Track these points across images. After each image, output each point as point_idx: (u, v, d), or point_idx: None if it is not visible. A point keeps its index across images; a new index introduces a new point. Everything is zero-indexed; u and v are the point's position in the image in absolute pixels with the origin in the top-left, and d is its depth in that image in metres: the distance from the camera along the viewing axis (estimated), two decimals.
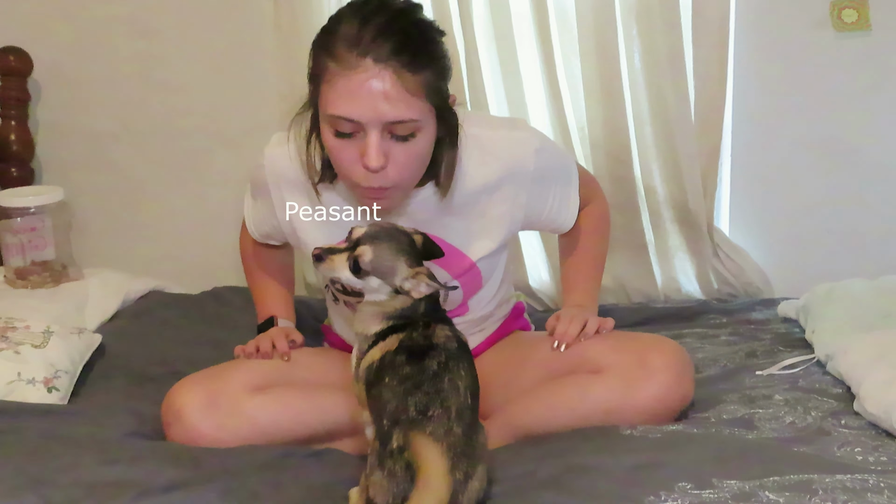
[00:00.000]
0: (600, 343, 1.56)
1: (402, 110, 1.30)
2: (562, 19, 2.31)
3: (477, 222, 1.55)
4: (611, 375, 1.50)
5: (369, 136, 1.31)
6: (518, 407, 1.58)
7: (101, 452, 1.45)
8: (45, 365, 1.76)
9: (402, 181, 1.39)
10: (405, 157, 1.34)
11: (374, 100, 1.28)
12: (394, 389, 1.24)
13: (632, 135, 2.32)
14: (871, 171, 2.37)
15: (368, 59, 1.28)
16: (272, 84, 2.45)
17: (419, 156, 1.36)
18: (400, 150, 1.33)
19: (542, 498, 1.29)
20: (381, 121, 1.29)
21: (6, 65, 2.47)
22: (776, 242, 2.43)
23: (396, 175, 1.36)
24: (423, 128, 1.34)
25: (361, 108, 1.29)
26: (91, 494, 1.31)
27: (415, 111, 1.31)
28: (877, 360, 1.61)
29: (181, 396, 1.52)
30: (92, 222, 2.58)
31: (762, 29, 2.33)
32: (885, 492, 1.24)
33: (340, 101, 1.30)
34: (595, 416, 1.50)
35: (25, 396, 1.69)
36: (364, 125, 1.30)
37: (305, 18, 2.35)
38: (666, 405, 1.51)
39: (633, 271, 2.40)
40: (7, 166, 2.52)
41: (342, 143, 1.33)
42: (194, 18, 2.51)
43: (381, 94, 1.27)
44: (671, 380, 1.50)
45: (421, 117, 1.32)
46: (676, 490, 1.28)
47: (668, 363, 1.50)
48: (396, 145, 1.33)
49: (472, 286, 1.62)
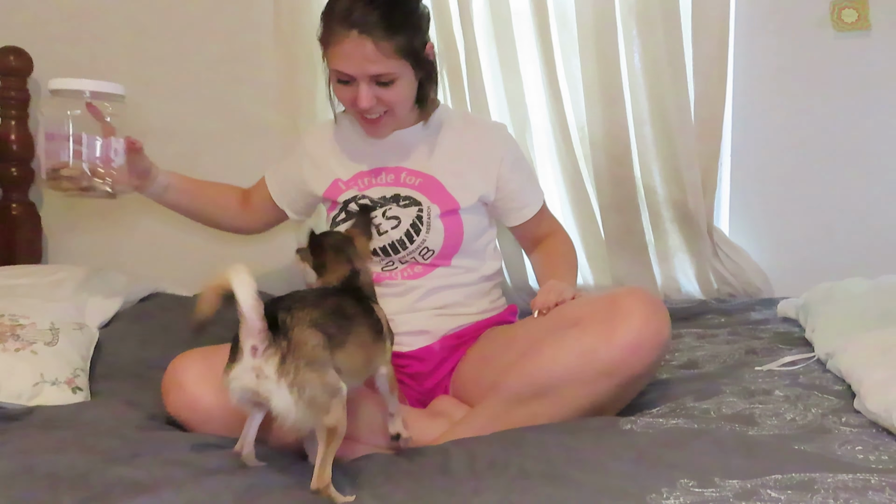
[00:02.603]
0: (576, 301, 1.74)
1: (381, 67, 1.72)
2: (562, 19, 2.31)
3: (462, 171, 1.88)
4: (587, 322, 1.60)
5: (360, 85, 1.74)
6: (504, 376, 1.65)
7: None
8: (63, 364, 1.76)
9: (391, 114, 1.80)
10: (388, 97, 1.76)
11: (360, 61, 1.71)
12: None
13: (632, 135, 2.32)
14: (870, 170, 2.37)
15: (354, 30, 1.69)
16: (272, 84, 2.46)
17: (400, 95, 1.78)
18: (384, 92, 1.76)
19: (541, 492, 1.29)
20: (366, 75, 1.72)
21: (6, 65, 2.47)
22: (776, 242, 2.43)
23: (385, 110, 1.79)
24: (401, 76, 1.75)
25: (351, 67, 1.72)
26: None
27: (392, 66, 1.73)
28: (877, 359, 1.61)
29: (181, 365, 1.61)
30: (91, 222, 2.59)
31: (762, 29, 2.34)
32: (887, 490, 1.24)
33: (337, 61, 1.74)
34: (574, 360, 1.57)
35: (51, 398, 1.69)
36: (355, 77, 1.73)
37: (305, 18, 2.36)
38: (641, 338, 1.56)
39: (633, 271, 2.40)
40: (7, 166, 2.52)
41: (343, 87, 1.77)
42: (194, 18, 2.52)
43: (364, 57, 1.70)
44: (645, 315, 1.57)
45: (397, 70, 1.74)
46: (678, 487, 1.28)
47: (640, 301, 1.59)
48: (381, 89, 1.75)
49: (455, 233, 1.85)
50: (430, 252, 1.84)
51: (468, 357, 1.83)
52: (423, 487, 1.36)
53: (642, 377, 1.62)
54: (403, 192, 1.85)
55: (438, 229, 1.83)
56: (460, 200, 1.85)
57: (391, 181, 1.87)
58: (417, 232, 1.82)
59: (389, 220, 1.83)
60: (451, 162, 1.88)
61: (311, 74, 2.38)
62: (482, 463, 1.43)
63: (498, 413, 1.62)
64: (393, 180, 1.86)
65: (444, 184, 1.85)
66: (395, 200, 1.85)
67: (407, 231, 1.82)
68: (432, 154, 1.88)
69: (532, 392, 1.60)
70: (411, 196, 1.84)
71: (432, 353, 1.84)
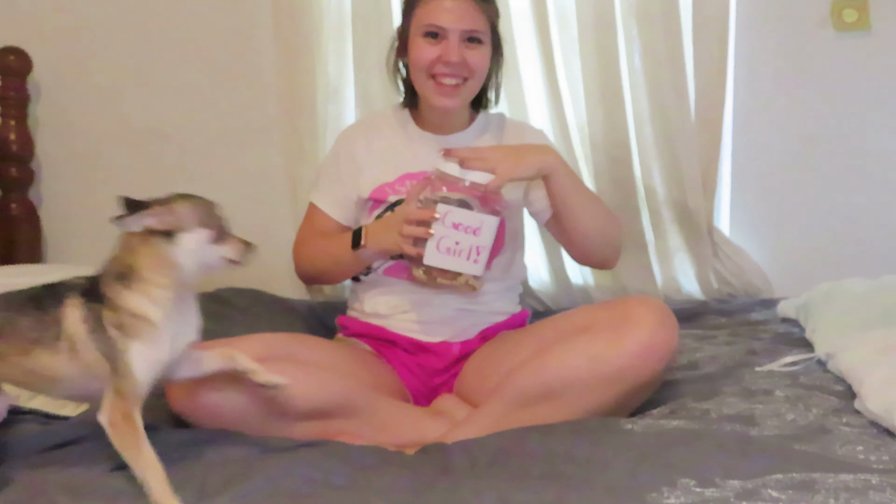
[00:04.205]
0: (588, 307, 1.79)
1: (476, 23, 1.78)
2: (562, 19, 2.31)
3: None
4: (597, 328, 1.61)
5: (450, 40, 1.77)
6: (511, 377, 1.65)
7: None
8: None
9: (470, 77, 1.81)
10: (473, 59, 1.79)
11: (460, 13, 1.76)
12: None
13: (632, 135, 2.32)
14: (871, 170, 2.37)
15: None
16: (272, 84, 2.46)
17: (483, 61, 1.82)
18: (470, 53, 1.79)
19: (542, 491, 1.29)
20: (461, 29, 1.77)
21: (6, 65, 2.47)
22: (776, 242, 2.43)
23: (466, 71, 1.80)
24: (485, 41, 1.81)
25: (450, 20, 1.76)
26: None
27: (483, 25, 1.79)
28: (878, 359, 1.61)
29: None
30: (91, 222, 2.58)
31: (762, 29, 2.34)
32: (888, 490, 1.24)
33: (435, 14, 1.77)
34: (583, 365, 1.58)
35: (49, 400, 1.67)
36: (448, 32, 1.76)
37: (305, 18, 2.36)
38: (651, 347, 1.57)
39: (633, 271, 2.40)
40: (7, 166, 2.52)
41: (430, 45, 1.78)
42: (194, 18, 2.52)
43: (465, 11, 1.76)
44: (654, 324, 1.58)
45: (486, 30, 1.80)
46: (679, 487, 1.28)
47: (651, 310, 1.60)
48: (468, 49, 1.78)
49: (497, 235, 1.74)
50: None
51: (475, 357, 1.83)
52: (424, 486, 1.36)
53: (648, 386, 1.62)
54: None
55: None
56: (507, 194, 1.79)
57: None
58: None
59: None
60: None
61: (310, 75, 2.39)
62: (483, 462, 1.43)
63: (502, 415, 1.62)
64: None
65: None
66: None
67: None
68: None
69: (538, 394, 1.60)
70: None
71: (450, 352, 1.83)
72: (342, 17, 2.39)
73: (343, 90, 2.43)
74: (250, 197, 2.49)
